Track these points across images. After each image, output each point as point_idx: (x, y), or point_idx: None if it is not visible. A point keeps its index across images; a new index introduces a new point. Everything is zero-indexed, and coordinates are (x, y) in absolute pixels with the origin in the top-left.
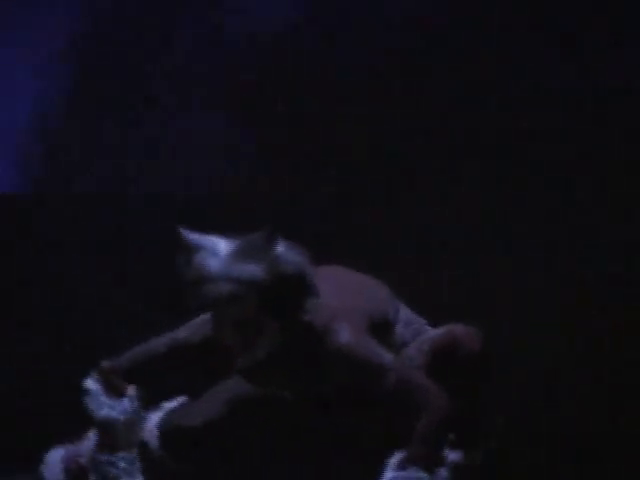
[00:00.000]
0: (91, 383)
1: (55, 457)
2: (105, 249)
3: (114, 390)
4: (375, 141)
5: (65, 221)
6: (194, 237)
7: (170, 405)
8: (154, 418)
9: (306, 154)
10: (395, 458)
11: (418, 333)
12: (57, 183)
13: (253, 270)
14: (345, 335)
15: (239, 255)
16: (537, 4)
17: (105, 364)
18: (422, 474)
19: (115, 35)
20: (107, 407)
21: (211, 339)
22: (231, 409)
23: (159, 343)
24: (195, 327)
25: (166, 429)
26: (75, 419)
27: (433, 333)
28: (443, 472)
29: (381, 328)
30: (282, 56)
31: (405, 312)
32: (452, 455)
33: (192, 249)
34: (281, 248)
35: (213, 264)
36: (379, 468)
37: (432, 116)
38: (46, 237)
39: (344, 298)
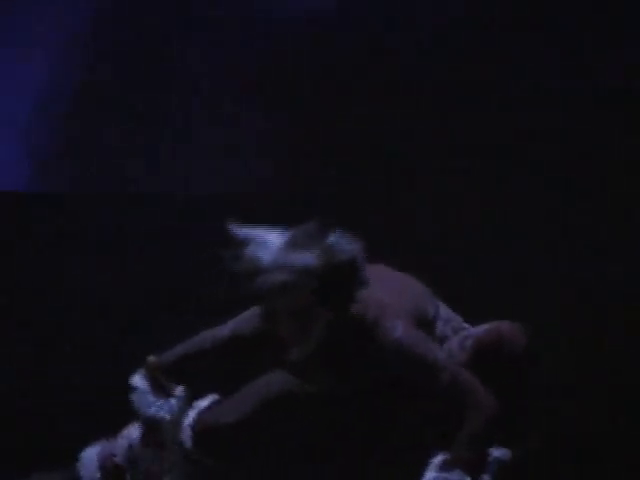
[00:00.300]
0: (138, 380)
1: (91, 455)
2: (105, 249)
3: (162, 389)
4: (375, 141)
5: (65, 221)
6: (244, 231)
7: (202, 403)
8: (188, 416)
9: (306, 154)
10: (438, 458)
11: (457, 331)
12: (57, 183)
13: (307, 258)
14: (399, 330)
15: (292, 244)
16: (537, 4)
17: (152, 359)
18: (465, 477)
19: (115, 35)
20: (155, 406)
21: (263, 332)
22: (264, 406)
23: (203, 340)
24: (244, 321)
25: (200, 427)
26: (75, 419)
27: (476, 330)
28: (486, 477)
29: (424, 325)
30: (282, 56)
31: (444, 310)
32: (496, 452)
33: (243, 243)
34: (333, 237)
35: (266, 255)
36: (414, 468)
37: (432, 116)
38: (46, 237)
39: (390, 295)
